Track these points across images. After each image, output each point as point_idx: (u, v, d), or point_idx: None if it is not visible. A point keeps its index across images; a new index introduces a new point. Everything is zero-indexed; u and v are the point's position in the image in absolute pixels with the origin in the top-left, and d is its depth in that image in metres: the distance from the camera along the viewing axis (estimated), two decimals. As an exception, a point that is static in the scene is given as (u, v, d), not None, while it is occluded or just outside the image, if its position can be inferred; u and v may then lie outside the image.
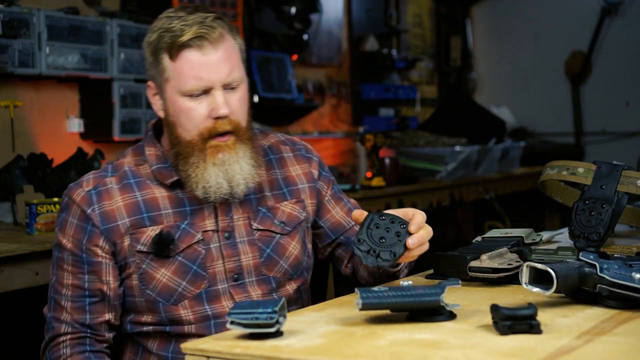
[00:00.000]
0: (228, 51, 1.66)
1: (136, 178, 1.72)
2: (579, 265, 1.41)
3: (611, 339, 1.22)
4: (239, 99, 1.68)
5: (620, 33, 6.04)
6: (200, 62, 1.63)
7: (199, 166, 1.66)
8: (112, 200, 1.69)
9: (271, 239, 1.75)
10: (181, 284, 1.68)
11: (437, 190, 4.66)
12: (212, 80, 1.64)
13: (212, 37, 1.64)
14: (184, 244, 1.68)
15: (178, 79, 1.65)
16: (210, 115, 1.65)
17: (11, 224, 2.94)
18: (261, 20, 4.48)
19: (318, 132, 5.05)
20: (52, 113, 3.51)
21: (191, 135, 1.66)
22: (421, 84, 6.11)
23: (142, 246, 1.67)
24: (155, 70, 1.68)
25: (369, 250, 1.49)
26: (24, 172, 3.04)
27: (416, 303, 1.32)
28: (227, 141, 1.66)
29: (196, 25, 1.63)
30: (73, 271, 1.69)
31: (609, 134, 6.10)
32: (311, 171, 1.86)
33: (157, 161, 1.73)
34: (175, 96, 1.66)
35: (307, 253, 1.82)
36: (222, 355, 1.21)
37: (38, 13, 3.18)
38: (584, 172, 1.90)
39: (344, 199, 1.90)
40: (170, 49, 1.64)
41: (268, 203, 1.78)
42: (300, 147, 1.89)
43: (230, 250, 1.71)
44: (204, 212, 1.71)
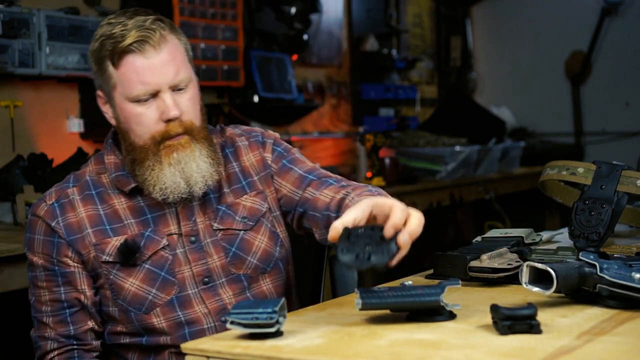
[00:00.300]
0: (172, 52, 1.63)
1: (97, 189, 1.72)
2: (579, 265, 1.41)
3: (611, 339, 1.22)
4: (189, 99, 1.66)
5: (620, 33, 6.04)
6: (143, 66, 1.61)
7: (154, 169, 1.64)
8: (76, 212, 1.69)
9: (235, 237, 1.72)
10: (151, 292, 1.66)
11: (437, 190, 4.66)
12: (159, 83, 1.61)
13: (153, 40, 1.60)
14: (149, 251, 1.67)
15: (124, 85, 1.62)
16: (160, 118, 1.62)
17: (11, 224, 2.94)
18: (261, 20, 4.48)
19: (318, 132, 5.05)
20: (52, 113, 3.51)
21: (144, 140, 1.64)
22: (421, 84, 6.11)
23: (107, 256, 1.66)
24: (102, 78, 1.66)
25: (357, 255, 1.32)
26: (24, 172, 3.05)
27: (416, 303, 1.32)
28: (180, 140, 1.64)
29: (135, 29, 1.60)
30: (48, 286, 1.69)
31: (609, 134, 6.10)
32: (264, 156, 1.79)
33: (116, 169, 1.72)
34: (124, 103, 1.64)
35: (279, 243, 1.78)
36: (222, 355, 1.21)
37: (38, 13, 3.18)
38: (584, 172, 1.90)
39: (294, 168, 1.78)
40: (112, 56, 1.62)
41: (228, 200, 1.74)
42: (256, 134, 1.83)
43: (196, 254, 1.69)
44: (166, 217, 1.70)
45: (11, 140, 3.29)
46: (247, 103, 4.34)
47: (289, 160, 1.80)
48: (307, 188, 1.74)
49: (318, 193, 1.72)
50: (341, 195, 1.66)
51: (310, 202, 1.73)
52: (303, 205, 1.74)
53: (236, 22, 4.19)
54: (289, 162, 1.80)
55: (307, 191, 1.74)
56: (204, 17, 3.99)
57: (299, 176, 1.77)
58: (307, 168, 1.78)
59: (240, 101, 4.35)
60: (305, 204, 1.74)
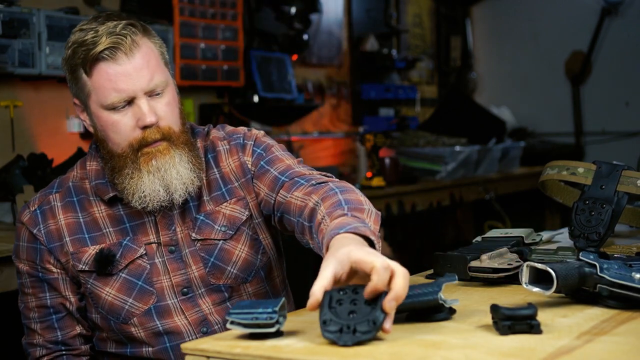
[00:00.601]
0: (145, 57, 1.60)
1: (78, 195, 1.71)
2: (579, 265, 1.41)
3: (611, 339, 1.22)
4: (166, 103, 1.62)
5: (620, 33, 6.04)
6: (116, 73, 1.57)
7: (133, 177, 1.61)
8: (56, 219, 1.69)
9: (214, 247, 1.69)
10: (127, 301, 1.65)
11: (437, 190, 4.66)
12: (133, 90, 1.58)
13: (125, 46, 1.57)
14: (126, 260, 1.65)
15: (98, 93, 1.59)
16: (137, 125, 1.59)
17: (11, 224, 2.93)
18: (261, 20, 4.48)
19: (318, 132, 5.05)
20: (52, 113, 3.51)
21: (121, 148, 1.61)
22: (421, 84, 6.11)
23: (83, 265, 1.66)
24: (76, 87, 1.63)
25: (341, 329, 1.20)
26: (24, 172, 3.05)
27: (415, 303, 1.32)
28: (158, 146, 1.61)
29: (105, 36, 1.57)
30: (34, 292, 1.71)
31: (609, 134, 6.10)
32: (243, 161, 1.73)
33: (96, 177, 1.70)
34: (99, 111, 1.61)
35: (261, 250, 1.74)
36: (222, 355, 1.21)
37: (38, 13, 3.18)
38: (584, 172, 1.90)
39: (270, 169, 1.70)
40: (84, 64, 1.59)
41: (207, 208, 1.70)
42: (238, 136, 1.76)
43: (175, 264, 1.67)
44: (145, 226, 1.68)
45: (11, 140, 3.29)
46: (247, 103, 4.34)
47: (267, 161, 1.73)
48: (280, 191, 1.67)
49: (289, 196, 1.64)
50: (312, 204, 1.55)
51: (284, 205, 1.66)
52: (279, 208, 1.68)
53: (236, 22, 4.19)
54: (266, 163, 1.72)
55: (280, 194, 1.67)
56: (204, 17, 3.99)
57: (274, 178, 1.69)
58: (282, 168, 1.70)
59: (240, 101, 4.35)
60: (280, 207, 1.67)
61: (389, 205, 4.15)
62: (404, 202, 4.33)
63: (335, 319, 1.20)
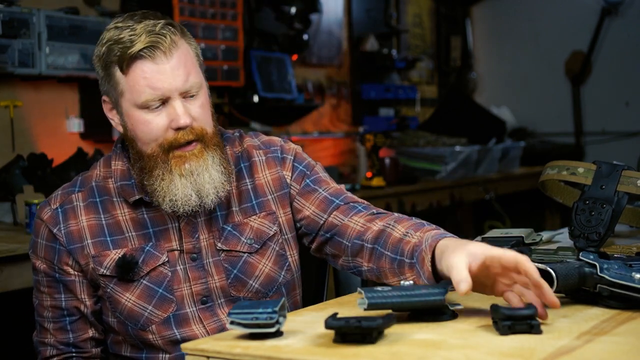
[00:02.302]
0: (182, 57, 1.58)
1: (102, 196, 1.67)
2: (579, 265, 1.41)
3: (611, 339, 1.22)
4: (200, 105, 1.60)
5: (620, 33, 6.04)
6: (153, 72, 1.55)
7: (164, 178, 1.57)
8: (77, 220, 1.66)
9: (238, 259, 1.67)
10: (147, 309, 1.63)
11: (437, 190, 4.66)
12: (169, 90, 1.56)
13: (164, 45, 1.55)
14: (148, 267, 1.63)
15: (132, 91, 1.56)
16: (170, 126, 1.57)
17: (11, 224, 2.94)
18: (261, 20, 4.48)
19: (318, 132, 5.05)
20: (52, 113, 3.51)
21: (152, 148, 1.58)
22: (421, 84, 6.11)
23: (105, 270, 1.63)
24: (109, 84, 1.60)
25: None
26: (24, 172, 3.05)
27: (420, 303, 1.32)
28: (193, 150, 1.58)
29: (145, 34, 1.55)
30: (50, 292, 1.68)
31: (609, 134, 6.10)
32: (282, 175, 1.71)
33: (121, 178, 1.66)
34: (132, 110, 1.58)
35: (285, 268, 1.71)
36: (222, 355, 1.21)
37: (38, 13, 3.18)
38: (584, 172, 1.90)
39: (319, 189, 1.70)
40: (121, 61, 1.56)
41: (235, 219, 1.68)
42: (275, 148, 1.74)
43: (196, 273, 1.65)
44: (168, 233, 1.65)
45: (11, 140, 3.29)
46: (247, 103, 4.34)
47: (313, 180, 1.72)
48: (334, 212, 1.66)
49: (347, 220, 1.64)
50: (378, 228, 1.59)
51: (337, 228, 1.65)
52: (329, 230, 1.66)
53: (236, 22, 4.19)
54: (313, 182, 1.71)
55: (333, 216, 1.66)
56: (204, 17, 3.99)
57: (324, 199, 1.68)
58: (333, 190, 1.70)
59: (240, 101, 4.34)
60: (331, 229, 1.66)
61: (389, 205, 4.15)
62: (404, 202, 4.33)
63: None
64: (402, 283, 1.36)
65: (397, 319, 1.35)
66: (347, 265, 1.67)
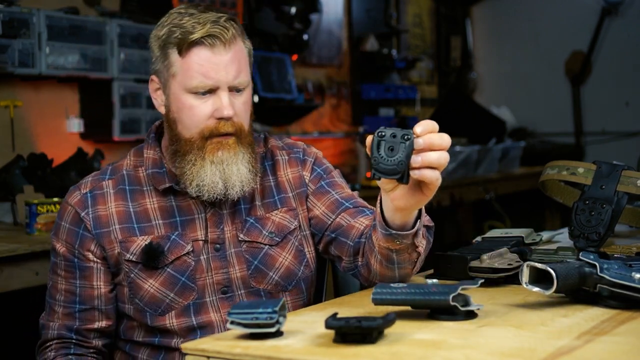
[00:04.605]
0: (238, 53, 1.65)
1: (131, 185, 1.71)
2: (579, 265, 1.41)
3: (611, 339, 1.22)
4: (243, 102, 1.66)
5: (620, 33, 6.04)
6: (209, 60, 1.61)
7: (195, 164, 1.63)
8: (106, 206, 1.69)
9: (259, 251, 1.71)
10: (169, 296, 1.66)
11: (437, 190, 4.65)
12: (220, 80, 1.62)
13: (225, 38, 1.62)
14: (173, 256, 1.66)
15: (185, 75, 1.62)
16: (213, 115, 1.63)
17: (11, 224, 2.94)
18: (261, 20, 4.48)
19: (318, 132, 5.05)
20: (52, 113, 3.51)
21: (191, 133, 1.64)
22: (421, 84, 6.11)
23: (131, 255, 1.66)
24: (162, 64, 1.66)
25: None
26: (24, 172, 3.05)
27: (425, 301, 1.32)
28: (228, 139, 1.64)
29: (209, 24, 1.61)
30: (66, 276, 1.70)
31: (609, 134, 6.10)
32: (302, 174, 1.78)
33: (153, 165, 1.71)
34: (180, 92, 1.64)
35: (304, 262, 1.75)
36: (222, 355, 1.21)
37: (38, 13, 3.18)
38: (584, 172, 1.90)
39: (332, 192, 1.76)
40: (180, 44, 1.62)
41: (258, 213, 1.73)
42: (298, 150, 1.81)
43: (218, 263, 1.68)
44: (194, 223, 1.69)
45: (11, 140, 3.29)
46: (247, 103, 4.33)
47: (328, 183, 1.78)
48: (342, 214, 1.71)
49: (353, 221, 1.68)
50: None
51: (343, 228, 1.70)
52: (335, 230, 1.71)
53: (236, 22, 4.18)
54: (328, 184, 1.77)
55: (341, 217, 1.71)
56: (204, 17, 3.98)
57: (335, 200, 1.74)
58: (345, 195, 1.76)
59: (240, 101, 4.34)
60: (337, 229, 1.70)
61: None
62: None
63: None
64: (428, 282, 1.36)
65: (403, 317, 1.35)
66: (348, 266, 1.70)
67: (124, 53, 3.50)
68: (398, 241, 1.47)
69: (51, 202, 2.75)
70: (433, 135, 1.37)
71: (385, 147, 1.34)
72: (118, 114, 3.52)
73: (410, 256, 1.54)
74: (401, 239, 1.47)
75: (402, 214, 1.44)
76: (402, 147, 1.34)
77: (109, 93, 3.50)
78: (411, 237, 1.48)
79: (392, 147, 1.34)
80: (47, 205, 2.73)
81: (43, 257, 2.55)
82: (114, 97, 3.50)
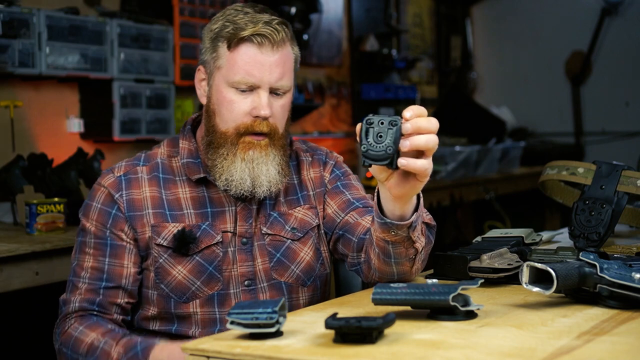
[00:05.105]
0: (284, 57, 1.69)
1: (165, 173, 1.75)
2: (579, 265, 1.41)
3: (611, 339, 1.22)
4: (282, 105, 1.71)
5: (620, 33, 6.04)
6: (255, 58, 1.66)
7: (227, 158, 1.68)
8: (140, 190, 1.72)
9: (281, 244, 1.75)
10: (195, 283, 1.69)
11: (437, 190, 4.66)
12: (262, 80, 1.66)
13: (274, 39, 1.66)
14: (203, 244, 1.70)
15: (230, 69, 1.67)
16: (251, 112, 1.67)
17: (11, 224, 2.94)
18: (261, 20, 4.48)
19: (318, 132, 5.05)
20: (52, 113, 3.51)
21: (227, 127, 1.68)
22: (421, 84, 6.11)
23: (162, 240, 1.69)
24: (210, 56, 1.71)
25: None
26: (24, 172, 3.04)
27: (425, 301, 1.32)
28: (260, 141, 1.68)
29: (262, 24, 1.66)
30: (94, 254, 1.71)
31: (609, 134, 6.10)
32: (322, 175, 1.84)
33: (188, 155, 1.75)
34: (222, 85, 1.68)
35: (320, 260, 1.80)
36: (222, 355, 1.21)
37: (38, 13, 3.18)
38: (584, 172, 1.90)
39: (345, 192, 1.82)
40: (230, 38, 1.66)
41: (281, 209, 1.78)
42: (321, 152, 1.88)
43: (243, 255, 1.72)
44: (224, 215, 1.73)
45: (11, 140, 3.29)
46: (247, 103, 4.34)
47: (344, 184, 1.83)
48: (351, 212, 1.76)
49: (360, 219, 1.74)
50: None
51: (350, 225, 1.74)
52: (342, 228, 1.76)
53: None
54: (343, 185, 1.83)
55: (350, 215, 1.76)
56: (204, 17, 3.99)
57: (347, 200, 1.79)
58: (358, 196, 1.81)
59: (240, 101, 4.34)
60: (344, 227, 1.76)
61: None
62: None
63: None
64: (428, 282, 1.36)
65: (403, 317, 1.35)
66: (352, 262, 1.74)
67: (124, 53, 3.50)
68: (393, 232, 1.49)
69: (51, 202, 2.75)
70: (420, 119, 1.39)
71: (374, 134, 1.36)
72: (118, 114, 3.52)
73: (407, 251, 1.55)
74: (396, 230, 1.48)
75: (399, 203, 1.46)
76: (390, 133, 1.36)
77: (109, 93, 3.50)
78: (406, 229, 1.49)
79: (380, 134, 1.36)
80: (47, 205, 2.73)
81: (43, 257, 2.55)
82: (114, 97, 3.50)
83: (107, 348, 1.61)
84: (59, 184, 3.04)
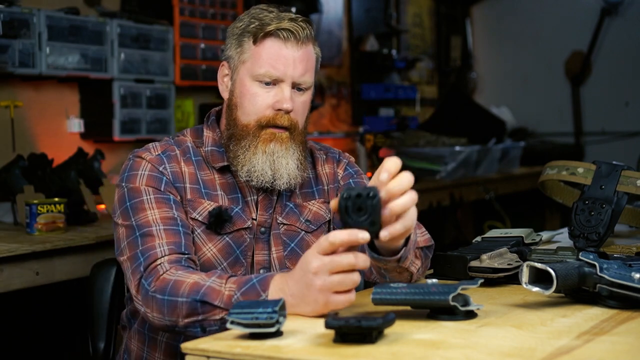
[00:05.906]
0: (307, 54, 1.73)
1: (196, 156, 1.77)
2: (578, 265, 1.41)
3: (611, 339, 1.22)
4: (303, 102, 1.75)
5: (620, 33, 6.04)
6: (280, 53, 1.69)
7: (248, 150, 1.71)
8: (179, 165, 1.74)
9: (296, 235, 1.79)
10: (222, 264, 1.71)
11: (437, 190, 4.66)
12: (285, 74, 1.70)
13: (299, 35, 1.70)
14: (236, 226, 1.72)
15: (254, 62, 1.70)
16: (273, 106, 1.70)
17: (11, 224, 2.93)
18: (261, 20, 4.48)
19: (318, 132, 5.05)
20: (52, 113, 3.51)
21: (249, 120, 1.71)
22: (421, 84, 6.11)
23: (197, 215, 1.70)
24: (235, 51, 1.74)
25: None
26: (24, 172, 3.04)
27: (425, 301, 1.32)
28: (282, 133, 1.71)
29: (287, 20, 1.70)
30: (159, 206, 1.65)
31: (609, 134, 6.10)
32: (336, 171, 1.88)
33: (212, 144, 1.78)
34: (246, 78, 1.71)
35: None
36: (222, 355, 1.21)
37: (38, 13, 3.18)
38: (583, 172, 1.90)
39: None
40: (256, 33, 1.70)
41: (297, 200, 1.81)
42: (335, 151, 1.93)
43: (261, 244, 1.75)
44: (248, 204, 1.76)
45: (11, 140, 3.29)
46: (247, 103, 4.33)
47: (356, 182, 1.88)
48: None
49: None
50: None
51: None
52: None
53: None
54: (355, 184, 1.86)
55: None
56: (204, 17, 3.99)
57: None
58: None
59: (240, 101, 4.34)
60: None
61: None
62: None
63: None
64: (428, 282, 1.36)
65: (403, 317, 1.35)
66: None
67: (124, 53, 3.50)
68: (383, 262, 1.50)
69: (51, 202, 2.75)
70: (392, 184, 1.35)
71: (353, 208, 1.34)
72: (118, 114, 3.52)
73: (400, 275, 1.58)
74: (386, 262, 1.49)
75: (388, 244, 1.45)
76: (370, 206, 1.33)
77: (109, 93, 3.50)
78: (395, 262, 1.49)
79: (360, 207, 1.34)
80: (47, 205, 2.72)
81: (43, 257, 2.54)
82: (114, 97, 3.50)
83: (216, 286, 1.49)
84: (59, 184, 3.03)
